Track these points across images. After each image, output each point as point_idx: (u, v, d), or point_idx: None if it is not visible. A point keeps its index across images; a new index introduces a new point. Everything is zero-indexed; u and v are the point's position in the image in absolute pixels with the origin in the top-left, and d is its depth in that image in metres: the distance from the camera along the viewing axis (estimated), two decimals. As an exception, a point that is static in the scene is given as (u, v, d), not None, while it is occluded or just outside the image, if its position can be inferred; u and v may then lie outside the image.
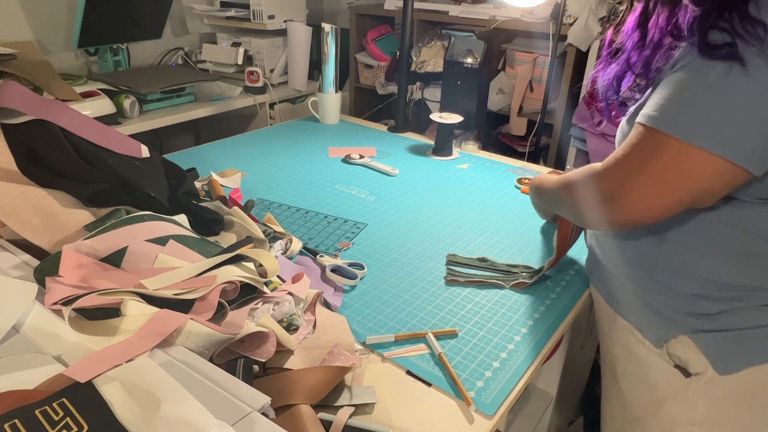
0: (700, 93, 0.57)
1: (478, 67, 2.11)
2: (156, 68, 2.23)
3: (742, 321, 0.67)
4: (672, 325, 0.71)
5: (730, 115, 0.56)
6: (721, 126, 0.56)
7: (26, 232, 0.80)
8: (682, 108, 0.58)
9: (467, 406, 0.68)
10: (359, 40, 2.66)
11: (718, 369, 0.69)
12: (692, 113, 0.57)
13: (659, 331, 0.73)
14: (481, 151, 1.61)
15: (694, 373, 0.71)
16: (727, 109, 0.55)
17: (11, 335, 0.62)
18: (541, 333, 0.83)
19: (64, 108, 0.90)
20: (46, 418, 0.49)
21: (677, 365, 0.72)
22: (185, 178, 0.99)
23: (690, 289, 0.69)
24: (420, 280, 0.95)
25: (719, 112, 0.56)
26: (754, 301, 0.67)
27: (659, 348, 0.73)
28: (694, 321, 0.69)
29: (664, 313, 0.72)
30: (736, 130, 0.56)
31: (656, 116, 0.59)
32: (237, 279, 0.71)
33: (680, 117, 0.58)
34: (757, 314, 0.67)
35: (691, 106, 0.57)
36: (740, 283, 0.67)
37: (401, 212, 1.18)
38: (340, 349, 0.72)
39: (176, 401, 0.52)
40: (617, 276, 0.79)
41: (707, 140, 0.56)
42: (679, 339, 0.71)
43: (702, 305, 0.69)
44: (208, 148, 1.58)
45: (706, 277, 0.68)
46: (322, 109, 1.80)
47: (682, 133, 0.57)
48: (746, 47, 0.54)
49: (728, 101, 0.55)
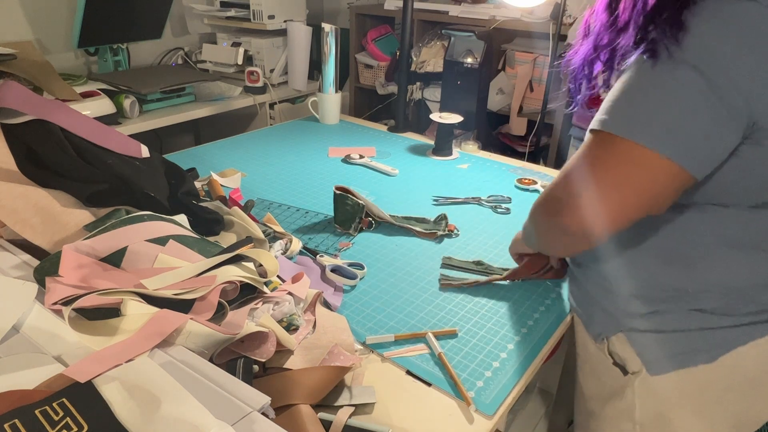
0: (642, 92, 0.56)
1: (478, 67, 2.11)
2: (156, 68, 2.23)
3: (673, 323, 0.68)
4: (612, 323, 0.72)
5: (669, 114, 0.55)
6: (663, 125, 0.55)
7: (26, 232, 0.80)
8: (631, 108, 0.57)
9: (467, 406, 0.68)
10: (359, 40, 2.66)
11: (650, 369, 0.70)
12: (639, 113, 0.56)
13: (601, 327, 0.74)
14: (481, 151, 1.61)
15: (630, 371, 0.72)
16: (668, 109, 0.55)
17: (11, 335, 0.63)
18: (541, 333, 0.83)
19: (64, 108, 0.91)
20: (46, 418, 0.49)
21: (616, 363, 0.74)
22: (185, 178, 0.99)
23: (627, 288, 0.70)
24: (420, 280, 0.95)
25: (664, 112, 0.55)
26: (685, 304, 0.67)
27: (600, 343, 0.75)
28: (630, 320, 0.70)
29: (606, 310, 0.73)
30: (677, 128, 0.55)
31: (606, 119, 0.58)
32: (237, 279, 0.71)
33: (630, 117, 0.56)
34: (687, 317, 0.67)
35: (637, 106, 0.56)
36: (672, 285, 0.67)
37: (401, 212, 1.18)
38: (340, 349, 0.72)
39: (176, 401, 0.52)
40: (575, 272, 0.81)
41: (652, 140, 0.55)
42: (618, 336, 0.72)
43: (636, 305, 0.70)
44: (208, 148, 1.58)
45: (640, 276, 0.69)
46: (322, 109, 1.80)
47: (623, 130, 0.56)
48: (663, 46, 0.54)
49: (667, 101, 0.55)
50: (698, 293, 0.66)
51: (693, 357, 0.68)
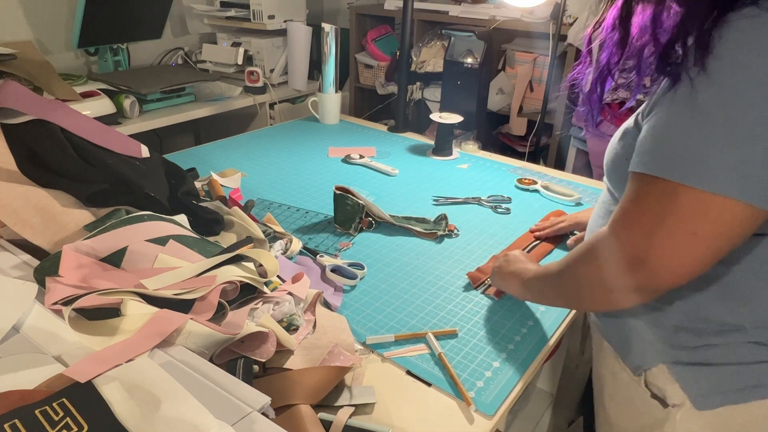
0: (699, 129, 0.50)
1: (478, 67, 2.11)
2: (156, 68, 2.23)
3: (722, 357, 0.64)
4: (652, 354, 0.68)
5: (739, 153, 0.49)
6: (735, 167, 0.49)
7: (26, 232, 0.80)
8: (683, 149, 0.51)
9: (467, 406, 0.68)
10: (359, 40, 2.66)
11: (696, 404, 0.65)
12: (712, 156, 0.50)
13: (639, 359, 0.70)
14: (481, 151, 1.61)
15: (671, 404, 0.68)
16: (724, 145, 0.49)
17: (11, 335, 0.63)
18: (541, 333, 0.83)
19: (64, 108, 0.91)
20: (46, 418, 0.49)
21: (655, 395, 0.69)
22: (185, 178, 0.99)
23: (672, 320, 0.66)
24: (420, 280, 0.95)
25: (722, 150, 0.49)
26: (736, 338, 0.64)
27: (638, 376, 0.71)
28: (674, 352, 0.67)
29: (646, 341, 0.69)
30: (752, 168, 0.49)
31: (649, 161, 0.53)
32: (237, 279, 0.71)
33: (681, 160, 0.51)
34: (738, 351, 0.63)
35: (694, 145, 0.51)
36: (722, 320, 0.63)
37: (401, 212, 1.18)
38: (340, 349, 0.72)
39: (176, 401, 0.52)
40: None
41: (719, 184, 0.50)
42: (659, 368, 0.68)
43: (683, 337, 0.66)
44: (208, 148, 1.58)
45: (689, 309, 0.65)
46: (322, 109, 1.80)
47: (696, 180, 0.50)
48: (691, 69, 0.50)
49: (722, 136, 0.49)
50: (755, 328, 0.63)
51: (747, 392, 0.64)
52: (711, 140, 0.50)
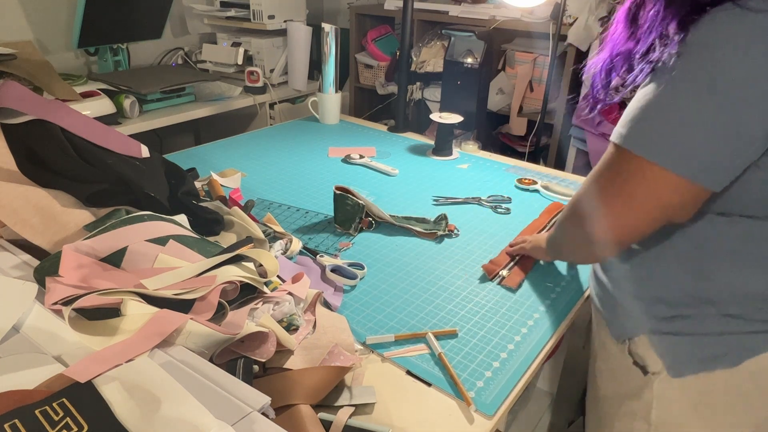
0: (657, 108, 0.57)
1: (478, 67, 2.11)
2: (156, 68, 2.23)
3: (696, 327, 0.68)
4: (634, 324, 0.73)
5: (682, 132, 0.56)
6: (676, 143, 0.56)
7: (26, 232, 0.80)
8: (643, 125, 0.58)
9: (467, 406, 0.68)
10: (359, 40, 2.65)
11: (671, 371, 0.70)
12: (652, 130, 0.57)
13: (623, 328, 0.75)
14: (481, 151, 1.61)
15: (651, 372, 0.73)
16: (679, 125, 0.56)
17: (11, 335, 0.63)
18: (541, 333, 0.83)
19: (64, 108, 0.90)
20: (46, 418, 0.49)
21: (636, 362, 0.74)
22: (185, 178, 0.99)
23: (651, 292, 0.71)
24: (420, 280, 0.95)
25: (673, 128, 0.56)
26: (709, 309, 0.67)
27: (621, 344, 0.75)
28: (653, 322, 0.71)
29: (629, 311, 0.74)
30: (690, 146, 0.56)
31: (622, 133, 0.60)
32: (237, 279, 0.71)
33: (642, 134, 0.58)
34: (707, 323, 0.67)
35: (650, 123, 0.57)
36: (694, 294, 0.67)
37: (401, 212, 1.18)
38: (340, 349, 0.72)
39: (176, 401, 0.52)
40: (599, 275, 0.81)
41: (664, 158, 0.57)
42: (640, 338, 0.73)
43: (659, 308, 0.70)
44: (208, 148, 1.58)
45: (665, 283, 0.70)
46: (322, 109, 1.80)
47: (643, 149, 0.58)
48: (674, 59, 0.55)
49: (679, 118, 0.56)
50: (722, 302, 0.66)
51: (715, 361, 0.67)
52: (661, 116, 0.56)
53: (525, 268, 0.99)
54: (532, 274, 0.98)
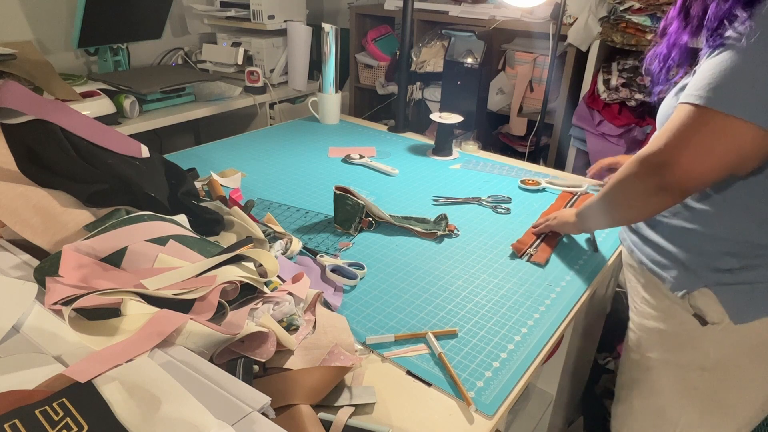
0: (734, 69, 0.65)
1: (478, 67, 2.11)
2: (156, 68, 2.23)
3: (760, 276, 0.76)
4: (696, 279, 0.79)
5: (759, 87, 0.64)
6: (754, 97, 0.64)
7: (26, 232, 0.80)
8: (729, 87, 0.65)
9: (467, 406, 0.68)
10: (359, 40, 2.65)
11: (734, 318, 0.77)
12: (732, 90, 0.65)
13: (685, 284, 0.81)
14: (481, 151, 1.61)
15: (711, 322, 0.79)
16: (757, 82, 0.64)
17: (11, 335, 0.63)
18: (541, 333, 0.83)
19: (64, 108, 0.90)
20: (46, 418, 0.49)
21: (696, 314, 0.81)
22: (185, 178, 0.99)
23: (716, 247, 0.78)
24: (420, 280, 0.95)
25: (751, 85, 0.64)
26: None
27: (683, 299, 0.81)
28: (717, 275, 0.78)
29: (691, 268, 0.80)
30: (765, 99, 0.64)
31: (700, 94, 0.67)
32: (237, 279, 0.71)
33: (721, 93, 0.65)
34: None
35: (735, 84, 0.65)
36: (762, 243, 0.75)
37: (401, 212, 1.18)
38: (340, 349, 0.72)
39: (176, 401, 0.52)
40: (648, 235, 0.87)
41: (744, 110, 0.64)
42: (701, 291, 0.79)
43: (726, 261, 0.77)
44: (208, 148, 1.58)
45: (731, 236, 0.77)
46: (322, 109, 1.80)
47: (724, 106, 0.65)
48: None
49: (756, 75, 0.64)
50: None
51: None
52: (744, 78, 0.64)
53: (551, 244, 1.07)
54: (532, 275, 0.98)
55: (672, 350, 0.86)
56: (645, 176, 0.74)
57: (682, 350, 0.84)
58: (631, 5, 1.77)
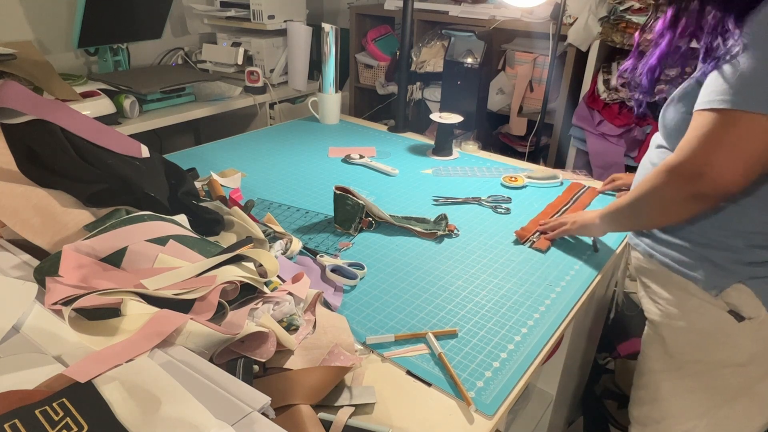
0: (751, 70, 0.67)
1: (478, 67, 2.11)
2: (156, 68, 2.23)
3: None
4: (729, 275, 0.79)
5: None
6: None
7: (26, 232, 0.80)
8: (751, 89, 0.67)
9: (467, 406, 0.68)
10: (359, 40, 2.65)
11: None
12: (753, 90, 0.67)
13: (717, 281, 0.80)
14: (481, 151, 1.61)
15: (747, 317, 0.79)
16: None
17: (11, 335, 0.63)
18: (541, 333, 0.83)
19: (64, 108, 0.90)
20: (46, 418, 0.49)
21: (731, 311, 0.80)
22: (185, 178, 0.99)
23: (744, 242, 0.78)
24: (420, 280, 0.95)
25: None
26: None
27: (715, 297, 0.81)
28: (749, 269, 0.78)
29: (721, 265, 0.80)
30: None
31: (723, 99, 0.68)
32: (237, 279, 0.71)
33: (744, 94, 0.67)
34: None
35: (750, 84, 0.67)
36: None
37: (401, 212, 1.18)
38: (340, 349, 0.72)
39: (176, 401, 0.52)
40: (668, 239, 0.86)
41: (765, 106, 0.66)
42: (735, 287, 0.79)
43: (756, 254, 0.78)
44: (208, 148, 1.58)
45: (758, 229, 0.77)
46: (322, 109, 1.80)
47: (749, 105, 0.66)
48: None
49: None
50: None
51: None
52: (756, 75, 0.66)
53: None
54: (532, 275, 0.98)
55: (705, 348, 0.85)
56: (678, 186, 0.75)
57: (717, 348, 0.84)
58: (631, 5, 1.77)
